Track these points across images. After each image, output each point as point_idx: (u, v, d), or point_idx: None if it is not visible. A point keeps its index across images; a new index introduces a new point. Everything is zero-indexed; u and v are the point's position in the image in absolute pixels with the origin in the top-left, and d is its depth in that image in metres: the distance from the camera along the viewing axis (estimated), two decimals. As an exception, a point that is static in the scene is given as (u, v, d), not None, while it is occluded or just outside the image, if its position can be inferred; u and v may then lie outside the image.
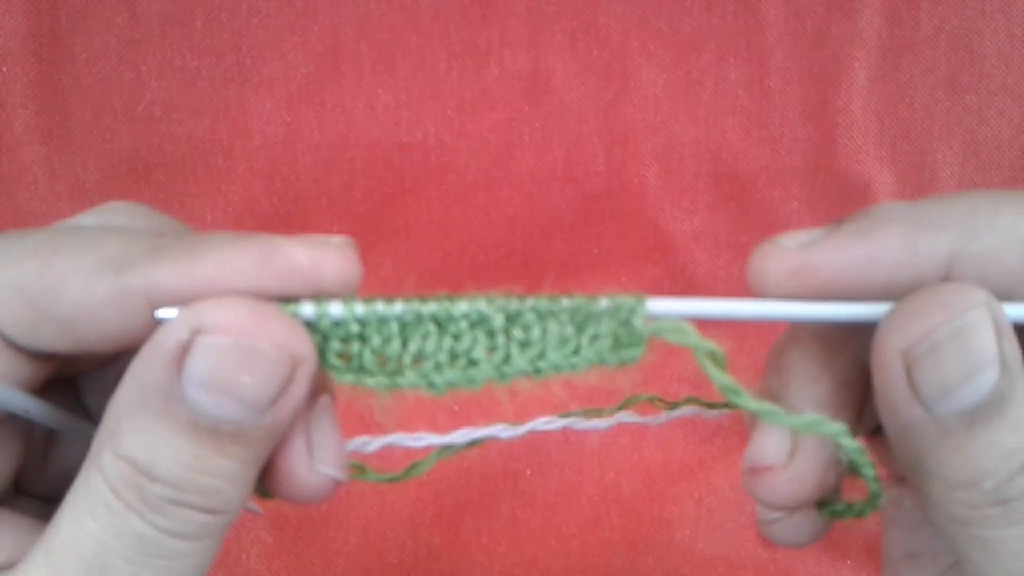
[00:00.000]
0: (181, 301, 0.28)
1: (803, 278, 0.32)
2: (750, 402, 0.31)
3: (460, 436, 0.36)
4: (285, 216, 0.66)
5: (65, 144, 0.63)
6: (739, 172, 0.68)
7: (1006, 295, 0.30)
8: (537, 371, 0.31)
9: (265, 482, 0.32)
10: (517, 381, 0.32)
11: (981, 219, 0.30)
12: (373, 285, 0.69)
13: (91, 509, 0.28)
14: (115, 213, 0.34)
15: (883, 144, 0.67)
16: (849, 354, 0.35)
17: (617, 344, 0.32)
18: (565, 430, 0.35)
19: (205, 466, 0.28)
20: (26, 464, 0.34)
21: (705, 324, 0.32)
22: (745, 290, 0.75)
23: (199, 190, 0.65)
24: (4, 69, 0.61)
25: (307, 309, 0.30)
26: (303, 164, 0.65)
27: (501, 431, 0.36)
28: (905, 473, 0.32)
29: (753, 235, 0.69)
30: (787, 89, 0.66)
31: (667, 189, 0.68)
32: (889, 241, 0.31)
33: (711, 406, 0.39)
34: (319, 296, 0.30)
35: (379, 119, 0.65)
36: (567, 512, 0.69)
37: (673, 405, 0.40)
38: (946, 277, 0.30)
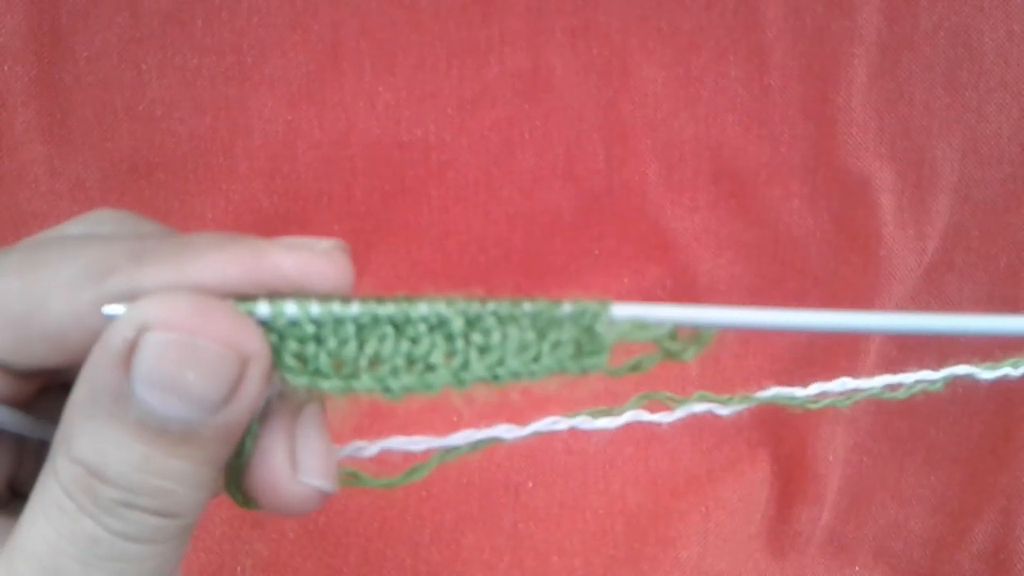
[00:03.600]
0: None
1: None
2: (695, 350, 0.32)
3: (461, 438, 0.35)
4: (285, 215, 0.66)
5: (66, 143, 0.63)
6: (739, 169, 0.68)
7: None
8: (496, 378, 0.31)
9: (249, 493, 0.31)
10: (475, 387, 0.31)
11: None
12: (373, 284, 0.69)
13: (46, 511, 0.28)
14: (100, 221, 0.33)
15: (883, 141, 0.67)
16: None
17: (579, 351, 0.31)
18: (569, 439, 0.34)
19: (155, 467, 0.27)
20: (21, 469, 0.34)
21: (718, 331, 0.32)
22: (746, 290, 0.76)
23: (200, 189, 0.65)
24: (5, 68, 0.61)
25: (262, 308, 0.29)
26: (303, 162, 0.65)
27: (504, 432, 0.35)
28: None
29: (754, 233, 0.69)
30: (787, 86, 0.66)
31: (668, 187, 0.68)
32: None
33: (724, 401, 0.38)
34: (274, 295, 0.29)
35: (379, 117, 0.65)
36: (571, 526, 0.68)
37: (684, 401, 0.39)
38: None
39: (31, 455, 0.34)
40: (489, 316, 0.30)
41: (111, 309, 0.28)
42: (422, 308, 0.30)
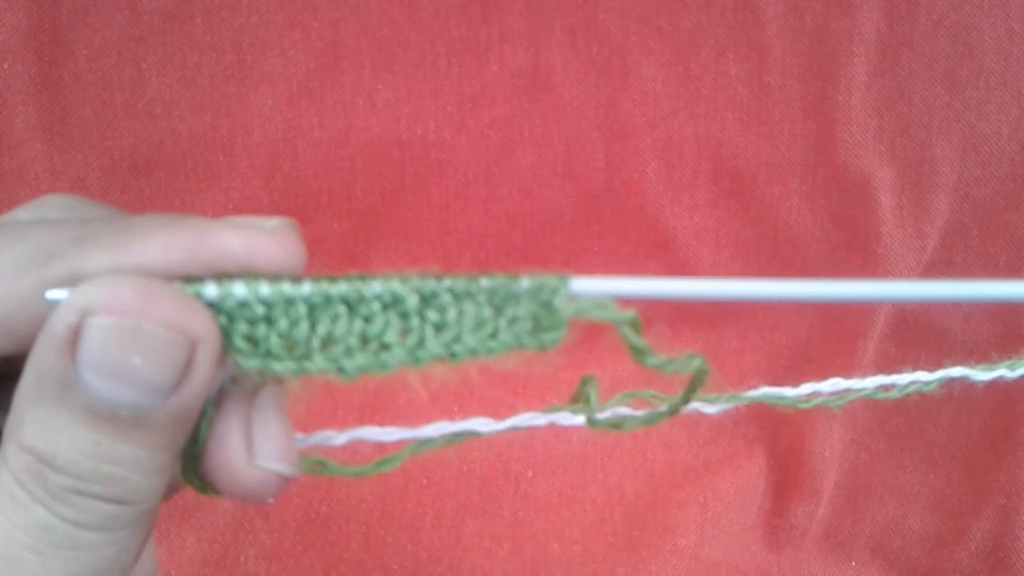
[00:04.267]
0: None
1: None
2: (660, 361, 0.31)
3: (435, 430, 0.34)
4: (285, 213, 0.65)
5: (66, 141, 0.63)
6: (739, 168, 0.68)
7: None
8: (452, 355, 0.30)
9: (207, 478, 0.30)
10: (432, 366, 0.30)
11: None
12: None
13: None
14: (51, 207, 0.33)
15: (882, 139, 0.67)
16: None
17: (537, 327, 0.30)
18: (569, 430, 0.34)
19: (106, 454, 0.27)
20: None
21: (716, 328, 0.32)
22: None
23: (200, 187, 0.65)
24: (5, 66, 0.61)
25: (210, 290, 0.28)
26: (304, 161, 0.65)
27: (480, 426, 0.34)
28: None
29: (753, 231, 0.70)
30: (786, 85, 0.66)
31: (667, 185, 0.68)
32: None
33: (711, 400, 0.38)
34: (222, 276, 0.28)
35: (379, 115, 0.65)
36: (570, 515, 0.68)
37: (669, 399, 0.39)
38: None
39: None
40: (444, 293, 0.30)
41: (54, 294, 0.27)
42: (375, 286, 0.29)
